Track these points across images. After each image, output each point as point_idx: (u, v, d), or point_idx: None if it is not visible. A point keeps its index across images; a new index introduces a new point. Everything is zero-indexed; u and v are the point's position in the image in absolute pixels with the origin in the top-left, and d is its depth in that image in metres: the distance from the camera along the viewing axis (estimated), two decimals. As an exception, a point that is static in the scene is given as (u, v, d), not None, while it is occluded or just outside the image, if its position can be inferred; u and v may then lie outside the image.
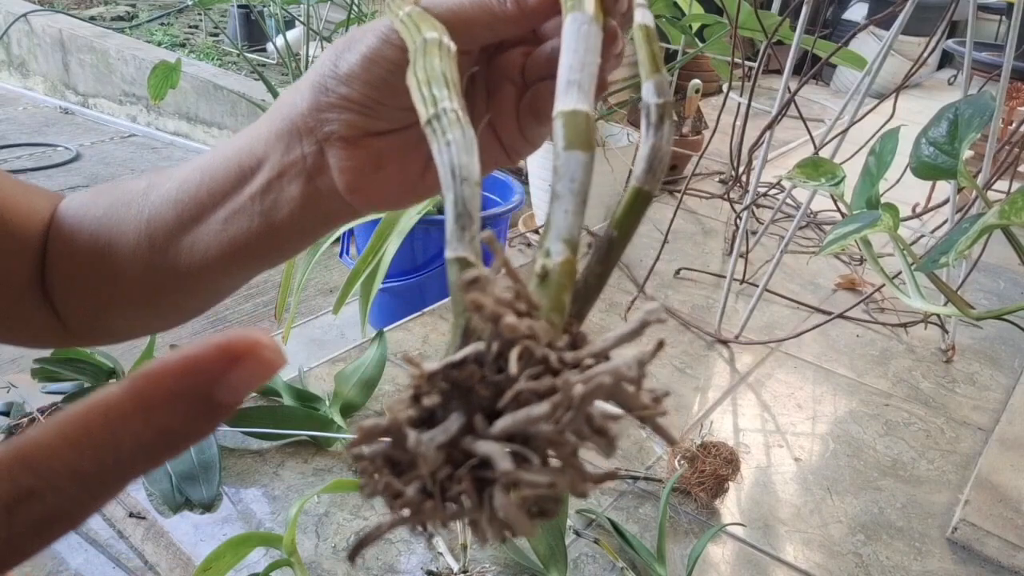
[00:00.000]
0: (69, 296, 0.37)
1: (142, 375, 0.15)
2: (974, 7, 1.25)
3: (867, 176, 0.89)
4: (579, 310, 0.21)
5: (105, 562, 0.83)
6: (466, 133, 0.24)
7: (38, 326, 0.38)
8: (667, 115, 0.24)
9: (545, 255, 0.21)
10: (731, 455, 0.94)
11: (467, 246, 0.21)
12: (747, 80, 1.62)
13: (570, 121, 0.24)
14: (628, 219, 0.23)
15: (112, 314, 0.38)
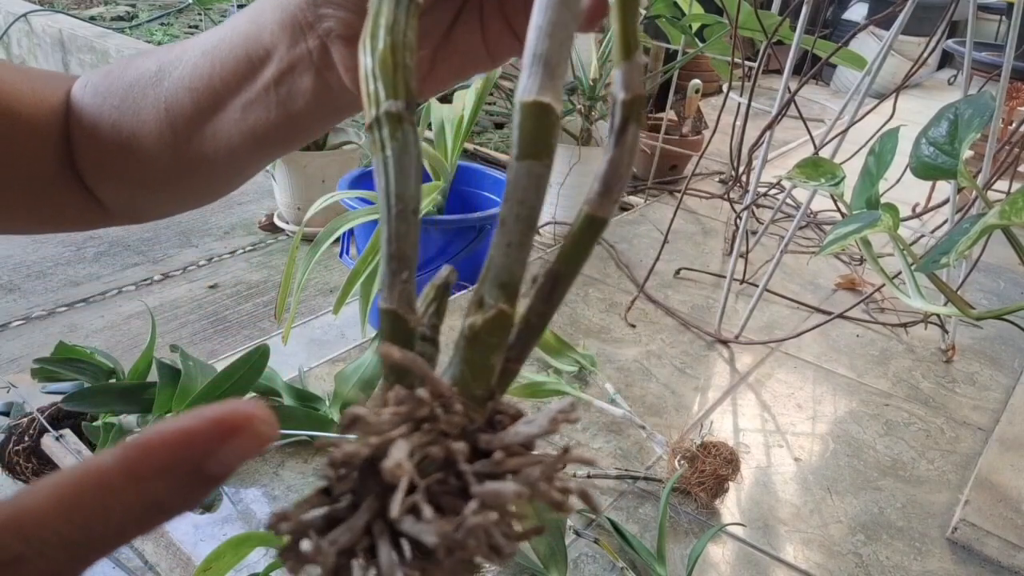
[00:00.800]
0: (101, 182, 0.38)
1: (135, 446, 0.15)
2: (974, 7, 1.25)
3: (867, 176, 0.89)
4: (518, 353, 0.19)
5: (105, 562, 0.83)
6: (408, 147, 0.19)
7: (77, 210, 0.39)
8: (633, 117, 0.19)
9: (478, 306, 0.19)
10: (731, 455, 0.94)
11: (397, 296, 0.19)
12: (747, 80, 1.62)
13: (528, 119, 0.19)
14: (577, 250, 0.19)
15: (146, 196, 0.38)
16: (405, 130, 0.20)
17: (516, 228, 0.19)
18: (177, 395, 0.99)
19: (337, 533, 0.16)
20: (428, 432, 0.17)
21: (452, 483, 0.16)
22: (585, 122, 2.00)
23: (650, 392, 1.19)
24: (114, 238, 2.35)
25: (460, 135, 1.50)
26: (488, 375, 0.19)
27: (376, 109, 0.20)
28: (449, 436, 0.17)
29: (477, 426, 0.18)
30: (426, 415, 0.17)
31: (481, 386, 0.18)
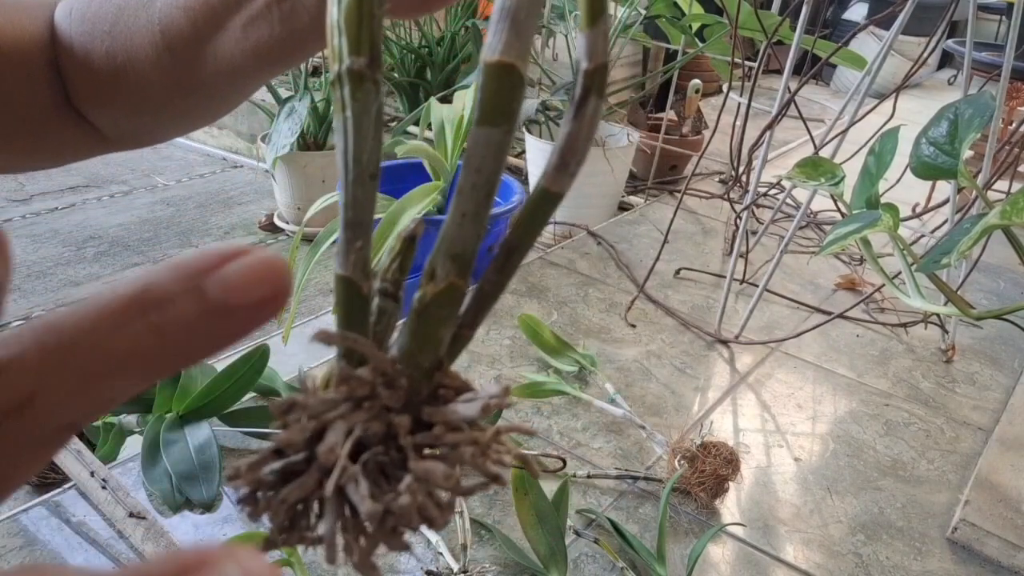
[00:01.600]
0: (98, 110, 0.37)
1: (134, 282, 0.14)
2: (974, 7, 1.25)
3: (866, 176, 0.89)
4: (471, 320, 0.19)
5: (105, 562, 0.83)
6: (368, 108, 0.19)
7: (76, 141, 0.38)
8: (595, 88, 0.18)
9: (429, 278, 0.19)
10: (731, 455, 0.94)
11: (352, 263, 0.19)
12: (747, 80, 1.62)
13: (491, 80, 0.18)
14: (531, 224, 0.19)
15: (145, 121, 0.37)
16: (367, 90, 0.19)
17: (472, 198, 0.18)
18: (177, 395, 0.99)
19: (288, 490, 0.17)
20: (369, 409, 0.17)
21: (393, 455, 0.17)
22: (585, 122, 2.00)
23: (650, 392, 1.19)
24: (114, 238, 2.35)
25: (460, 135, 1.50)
26: (436, 346, 0.19)
27: (339, 65, 0.19)
28: (392, 410, 0.17)
29: (422, 397, 0.18)
30: (367, 393, 0.17)
31: (429, 357, 0.19)
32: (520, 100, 0.18)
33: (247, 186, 2.81)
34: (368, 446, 0.17)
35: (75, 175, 2.82)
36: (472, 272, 0.19)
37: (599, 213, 1.99)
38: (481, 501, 0.94)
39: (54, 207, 2.54)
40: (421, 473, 0.17)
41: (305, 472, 0.17)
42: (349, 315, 0.19)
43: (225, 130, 3.11)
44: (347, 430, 0.17)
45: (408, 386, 0.18)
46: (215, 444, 0.95)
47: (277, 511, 0.17)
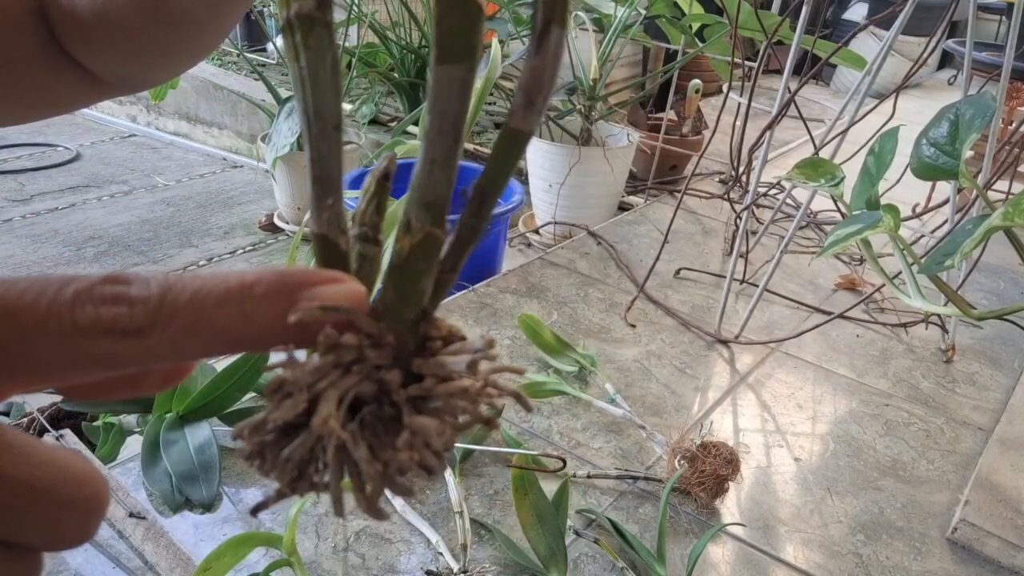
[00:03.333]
0: (89, 56, 0.36)
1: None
2: (974, 7, 1.25)
3: (866, 176, 0.89)
4: (452, 265, 0.19)
5: (105, 562, 0.83)
6: (324, 56, 0.18)
7: (72, 89, 0.37)
8: (557, 17, 0.17)
9: (405, 229, 0.18)
10: (731, 455, 0.94)
11: (326, 221, 0.19)
12: (747, 80, 1.62)
13: (448, 11, 0.17)
14: (501, 165, 0.19)
15: (136, 62, 0.37)
16: (319, 35, 0.18)
17: (439, 143, 0.18)
18: (177, 395, 0.99)
19: (291, 449, 0.17)
20: (359, 372, 0.18)
21: (387, 410, 0.18)
22: (585, 122, 2.00)
23: (650, 392, 1.19)
24: (114, 238, 2.35)
25: (460, 135, 1.49)
26: (419, 298, 0.19)
27: (288, 10, 0.18)
28: (382, 367, 0.18)
29: (410, 349, 0.19)
30: (355, 357, 0.18)
31: (413, 310, 0.19)
32: (481, 33, 0.17)
33: (247, 186, 2.81)
34: (363, 403, 0.18)
35: (75, 175, 2.82)
36: (447, 219, 0.19)
37: (599, 213, 1.99)
38: (481, 501, 0.94)
39: (54, 207, 2.54)
40: (417, 428, 0.17)
41: (306, 430, 0.17)
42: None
43: (225, 130, 3.11)
44: (339, 397, 0.17)
45: (395, 341, 0.18)
46: (215, 444, 0.95)
47: (283, 469, 0.18)
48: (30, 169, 2.84)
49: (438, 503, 0.92)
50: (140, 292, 0.17)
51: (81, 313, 0.16)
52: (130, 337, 0.16)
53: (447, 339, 0.19)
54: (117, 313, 0.16)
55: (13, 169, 2.82)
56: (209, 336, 0.17)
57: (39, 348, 0.16)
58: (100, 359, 0.17)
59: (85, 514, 0.17)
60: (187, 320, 0.17)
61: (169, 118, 3.27)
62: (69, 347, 0.16)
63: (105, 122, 3.40)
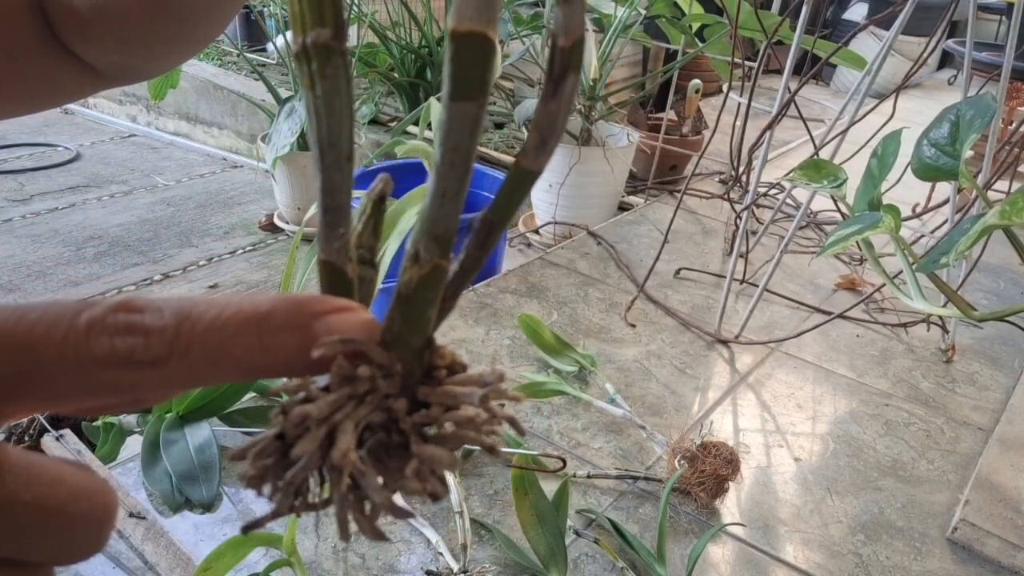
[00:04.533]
0: (88, 47, 0.36)
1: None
2: (974, 7, 1.25)
3: (869, 178, 0.89)
4: (453, 292, 0.20)
5: (105, 562, 0.83)
6: (339, 87, 0.18)
7: (72, 81, 0.37)
8: (573, 65, 0.18)
9: (413, 260, 0.19)
10: (731, 455, 0.94)
11: (336, 250, 0.19)
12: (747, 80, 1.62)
13: (462, 51, 0.17)
14: (510, 201, 0.19)
15: (135, 53, 0.36)
16: (335, 64, 0.18)
17: (451, 177, 0.18)
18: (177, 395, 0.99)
19: (293, 473, 0.18)
20: (370, 402, 0.18)
21: (395, 438, 0.18)
22: (585, 122, 2.00)
23: (650, 392, 1.19)
24: (114, 238, 2.35)
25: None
26: (425, 326, 0.19)
27: (303, 37, 0.18)
28: (390, 396, 0.18)
29: (416, 378, 0.19)
30: (368, 389, 0.18)
31: (419, 338, 0.19)
32: (493, 70, 0.17)
33: (247, 186, 2.81)
34: (371, 431, 0.18)
35: (75, 175, 2.82)
36: (453, 250, 0.19)
37: (599, 213, 1.99)
38: (481, 501, 0.94)
39: (54, 207, 2.54)
40: (425, 457, 0.18)
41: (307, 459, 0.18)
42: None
43: (225, 130, 3.11)
44: (356, 427, 0.18)
45: (403, 370, 0.19)
46: (215, 444, 0.95)
47: (285, 491, 0.18)
48: (30, 169, 2.84)
49: (438, 503, 0.92)
50: (154, 321, 0.17)
51: (96, 344, 0.16)
52: (146, 368, 0.17)
53: (451, 368, 0.19)
54: (133, 344, 0.17)
55: (13, 169, 2.82)
56: (225, 366, 0.17)
57: (55, 378, 0.16)
58: (116, 388, 0.17)
59: (96, 527, 0.17)
60: (204, 350, 0.17)
61: (169, 118, 3.27)
62: (85, 377, 0.16)
63: (105, 122, 3.40)
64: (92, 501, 0.17)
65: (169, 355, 0.17)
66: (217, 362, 0.17)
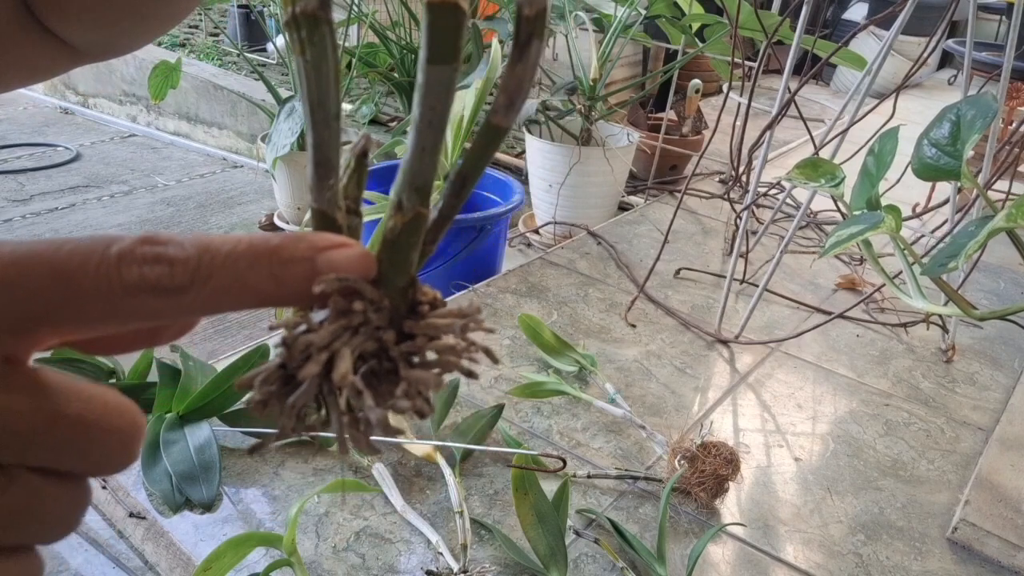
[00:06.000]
0: (64, 26, 0.35)
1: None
2: (974, 7, 1.25)
3: (866, 176, 0.89)
4: (433, 237, 0.22)
5: (105, 562, 0.83)
6: (326, 53, 0.20)
7: (48, 58, 0.37)
8: (537, 32, 0.20)
9: (397, 208, 0.21)
10: (731, 455, 0.94)
11: (327, 199, 0.22)
12: (747, 80, 1.62)
13: (438, 19, 0.19)
14: (481, 154, 0.22)
15: (112, 30, 0.36)
16: (323, 32, 0.20)
17: (429, 133, 0.20)
18: (177, 395, 0.99)
19: (296, 397, 0.20)
20: (364, 332, 0.21)
21: (385, 364, 0.21)
22: (585, 122, 2.00)
23: (650, 392, 1.19)
24: (114, 238, 2.34)
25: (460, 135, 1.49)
26: (409, 267, 0.22)
27: (292, 7, 0.19)
28: (380, 328, 0.21)
29: (402, 313, 0.22)
30: (361, 321, 0.21)
31: (403, 278, 0.22)
32: (464, 37, 0.19)
33: (247, 186, 2.81)
34: (364, 360, 0.21)
35: (76, 175, 2.82)
36: (430, 199, 0.22)
37: (599, 213, 1.99)
38: (481, 501, 0.94)
39: (54, 207, 2.54)
40: (413, 379, 0.20)
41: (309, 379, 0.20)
42: None
43: (225, 130, 3.11)
44: (352, 354, 0.20)
45: (390, 305, 0.21)
46: (215, 444, 0.95)
47: (288, 414, 0.20)
48: (30, 169, 2.84)
49: (438, 503, 0.92)
50: (178, 253, 0.18)
51: (127, 273, 0.18)
52: (170, 294, 0.18)
53: (433, 304, 0.22)
54: (160, 272, 0.18)
55: (13, 169, 2.82)
56: (240, 294, 0.19)
57: (88, 304, 0.18)
58: (141, 313, 0.18)
59: (129, 439, 0.19)
60: (222, 280, 0.19)
61: (169, 118, 3.27)
62: (115, 303, 0.18)
63: (105, 122, 3.40)
64: (124, 417, 0.19)
65: (191, 283, 0.18)
66: (233, 290, 0.19)
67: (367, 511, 0.91)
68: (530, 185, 2.05)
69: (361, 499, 0.92)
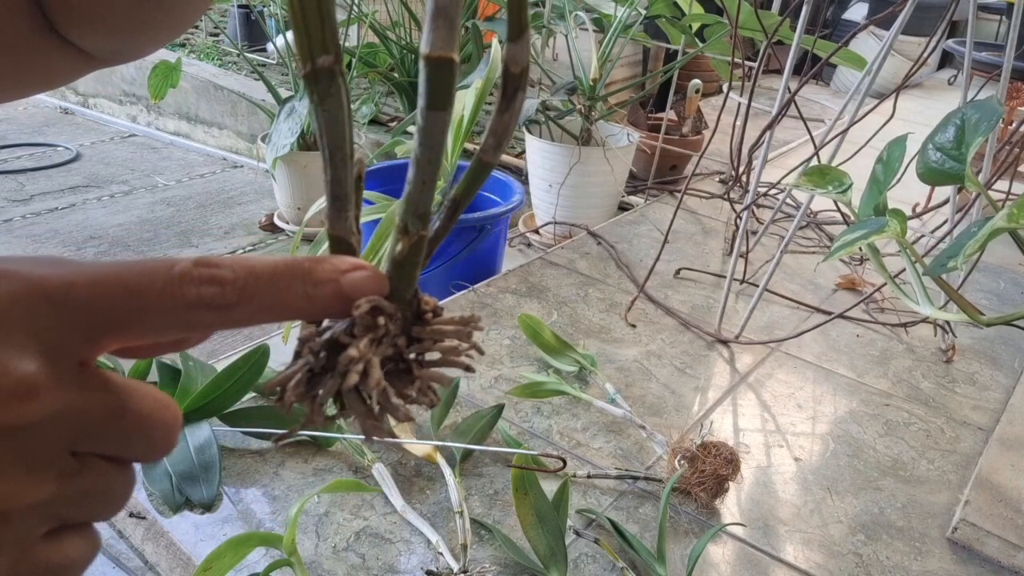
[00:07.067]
0: (79, 34, 0.37)
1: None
2: (974, 7, 1.25)
3: (875, 184, 0.89)
4: (429, 253, 0.26)
5: (105, 562, 0.83)
6: (342, 102, 0.23)
7: (64, 65, 0.39)
8: (522, 87, 0.23)
9: (403, 231, 0.25)
10: (731, 455, 0.94)
11: (343, 226, 0.25)
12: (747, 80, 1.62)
13: (435, 72, 0.22)
14: (472, 185, 0.25)
15: (126, 37, 0.38)
16: (338, 84, 0.22)
17: (428, 169, 0.24)
18: (177, 395, 0.99)
19: (322, 393, 0.23)
20: (385, 342, 0.24)
21: (400, 366, 0.25)
22: (585, 122, 2.00)
23: (650, 392, 1.19)
24: (114, 238, 2.35)
25: (460, 136, 1.49)
26: (413, 282, 0.25)
27: (311, 64, 0.22)
28: (396, 336, 0.25)
29: (409, 320, 0.25)
30: (384, 333, 0.24)
31: (409, 291, 0.25)
32: (456, 84, 0.22)
33: (247, 186, 2.81)
34: (384, 363, 0.24)
35: (75, 175, 2.82)
36: (429, 223, 0.25)
37: (599, 213, 1.99)
38: (481, 501, 0.94)
39: (54, 207, 2.54)
40: (426, 377, 0.25)
41: (330, 377, 0.24)
42: None
43: (225, 130, 3.11)
44: (380, 361, 0.24)
45: (401, 316, 0.25)
46: (215, 444, 0.95)
47: (317, 410, 0.24)
48: (30, 169, 2.84)
49: (438, 503, 0.92)
50: (228, 275, 0.22)
51: (188, 291, 0.21)
52: (221, 310, 0.22)
53: (434, 311, 0.26)
54: (214, 291, 0.22)
55: (13, 169, 2.82)
56: (278, 310, 0.23)
57: (153, 317, 0.21)
58: (196, 325, 0.22)
59: (172, 430, 0.23)
60: (264, 299, 0.22)
61: (169, 118, 3.27)
62: (177, 316, 0.22)
63: (105, 122, 3.40)
64: (168, 410, 0.23)
65: (238, 302, 0.22)
66: (272, 307, 0.22)
67: (367, 511, 0.91)
68: (530, 185, 2.05)
69: (361, 499, 0.92)
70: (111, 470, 0.22)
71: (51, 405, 0.20)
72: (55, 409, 0.20)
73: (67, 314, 0.20)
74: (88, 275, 0.21)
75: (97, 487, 0.22)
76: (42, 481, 0.20)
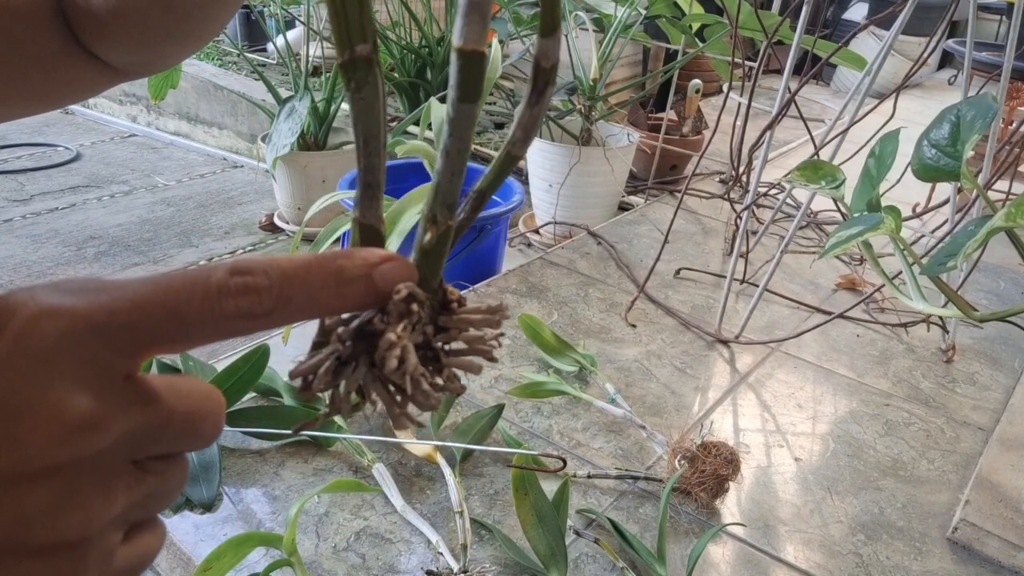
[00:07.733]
0: (106, 49, 0.39)
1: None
2: (974, 7, 1.25)
3: (867, 178, 0.89)
4: (453, 241, 0.26)
5: (105, 562, 0.82)
6: (379, 92, 0.23)
7: (90, 79, 0.41)
8: (552, 82, 0.24)
9: (432, 221, 0.25)
10: (731, 455, 0.94)
11: (373, 214, 0.25)
12: (747, 80, 1.62)
13: (466, 65, 0.22)
14: (498, 176, 0.26)
15: (151, 51, 0.39)
16: (375, 73, 0.23)
17: (458, 160, 0.24)
18: (177, 395, 0.99)
19: (347, 383, 0.24)
20: (417, 329, 0.24)
21: (428, 354, 0.25)
22: (585, 122, 2.00)
23: (650, 392, 1.19)
24: (114, 238, 2.35)
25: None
26: (439, 271, 0.26)
27: (349, 52, 0.22)
28: (425, 324, 0.25)
29: (436, 309, 0.26)
30: (416, 320, 0.24)
31: (436, 280, 0.25)
32: (485, 77, 0.23)
33: (247, 186, 2.81)
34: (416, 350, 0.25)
35: (75, 175, 2.82)
36: (456, 214, 0.26)
37: (599, 213, 1.99)
38: (481, 501, 0.94)
39: (54, 207, 2.54)
40: (455, 365, 0.25)
41: (355, 367, 0.24)
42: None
43: (225, 130, 3.11)
44: (414, 348, 0.24)
45: (430, 305, 0.25)
46: (215, 444, 0.95)
47: (345, 398, 0.24)
48: (30, 169, 2.84)
49: (438, 503, 0.92)
50: (263, 283, 0.22)
51: (226, 304, 0.22)
52: (259, 317, 0.22)
53: (459, 301, 0.26)
54: (251, 301, 0.22)
55: (13, 169, 2.82)
56: (312, 310, 0.23)
57: (194, 331, 0.22)
58: (234, 334, 0.23)
59: (219, 418, 0.24)
60: (299, 301, 0.23)
61: (169, 118, 3.27)
62: (215, 328, 0.22)
63: (105, 122, 3.40)
64: (212, 400, 0.24)
65: (275, 308, 0.22)
66: (307, 308, 0.23)
67: (367, 511, 0.91)
68: (530, 185, 2.05)
69: (361, 499, 0.92)
70: (168, 467, 0.23)
71: (111, 431, 0.21)
72: (115, 433, 0.21)
73: (112, 340, 0.21)
74: (128, 299, 0.21)
75: (159, 486, 0.23)
76: (114, 499, 0.21)
